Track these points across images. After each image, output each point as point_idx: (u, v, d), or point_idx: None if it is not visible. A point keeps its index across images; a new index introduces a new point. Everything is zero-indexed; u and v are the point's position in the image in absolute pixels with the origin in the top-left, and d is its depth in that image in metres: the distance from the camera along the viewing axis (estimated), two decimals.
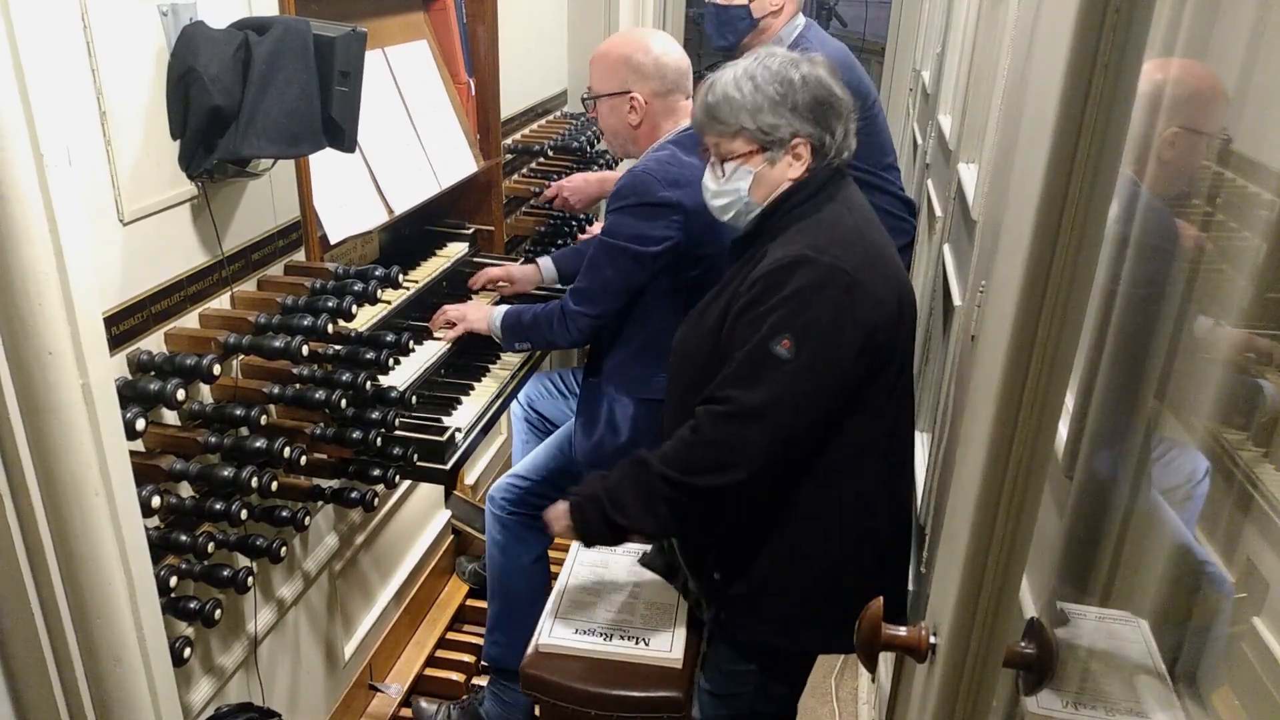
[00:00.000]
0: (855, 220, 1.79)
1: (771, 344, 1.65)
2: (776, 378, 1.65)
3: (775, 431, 1.67)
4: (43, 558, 1.33)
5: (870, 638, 1.11)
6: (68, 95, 1.39)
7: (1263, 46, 0.80)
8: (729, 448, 1.69)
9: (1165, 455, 0.93)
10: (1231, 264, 0.84)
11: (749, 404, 1.67)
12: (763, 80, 1.78)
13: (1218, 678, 0.80)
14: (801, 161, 1.80)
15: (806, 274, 1.66)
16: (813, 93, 1.77)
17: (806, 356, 1.64)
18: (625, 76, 2.33)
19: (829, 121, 1.79)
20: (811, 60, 1.82)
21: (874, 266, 1.71)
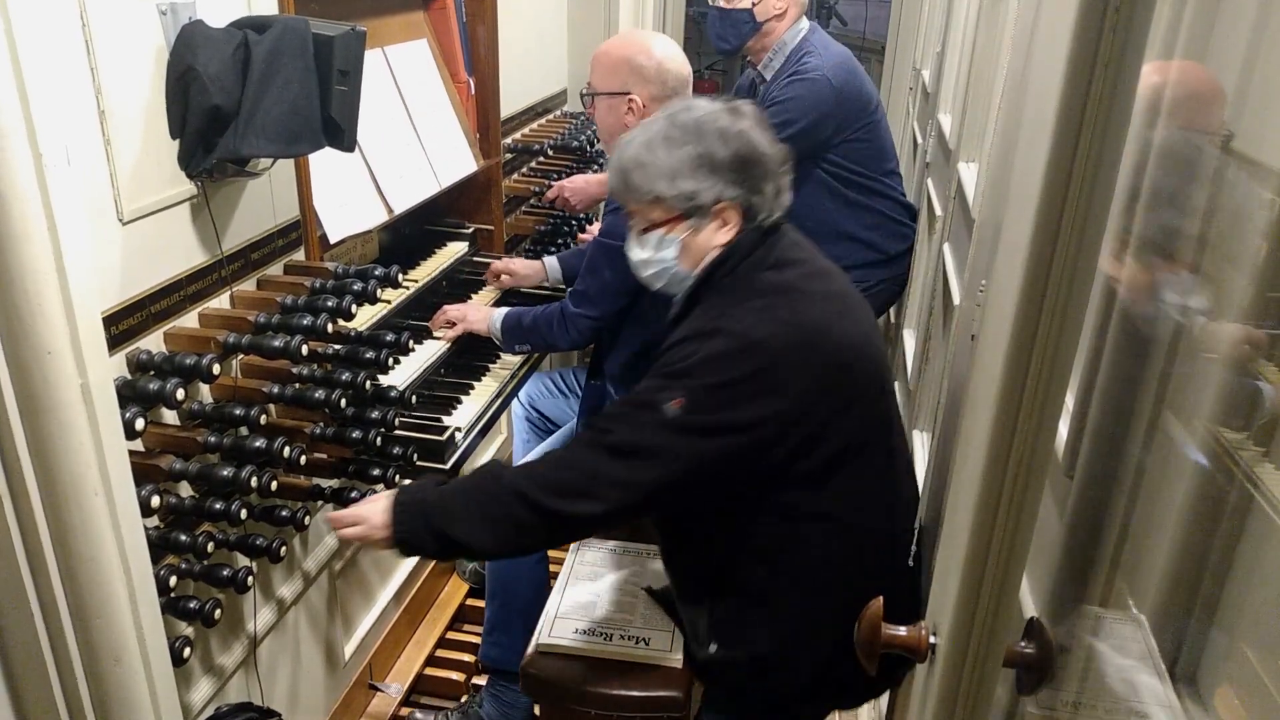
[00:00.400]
0: (791, 280, 1.66)
1: (661, 395, 1.55)
2: (654, 427, 1.54)
3: (638, 479, 1.56)
4: (42, 558, 1.33)
5: (870, 638, 1.11)
6: (67, 94, 1.39)
7: (1263, 46, 0.80)
8: (590, 477, 1.57)
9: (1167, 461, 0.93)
10: (1232, 263, 0.84)
11: (620, 441, 1.56)
12: (678, 141, 1.65)
13: (1218, 677, 0.80)
14: (730, 226, 1.67)
15: (719, 343, 1.56)
16: (734, 150, 1.64)
17: (692, 420, 1.53)
18: (626, 78, 2.33)
19: (756, 181, 1.65)
20: (735, 111, 1.69)
21: (799, 338, 1.58)
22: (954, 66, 2.81)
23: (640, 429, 1.56)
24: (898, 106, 4.79)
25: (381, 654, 2.65)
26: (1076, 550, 1.07)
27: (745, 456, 1.58)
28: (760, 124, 1.69)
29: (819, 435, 1.60)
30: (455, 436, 2.16)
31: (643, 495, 1.57)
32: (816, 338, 1.60)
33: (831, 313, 1.66)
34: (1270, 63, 0.79)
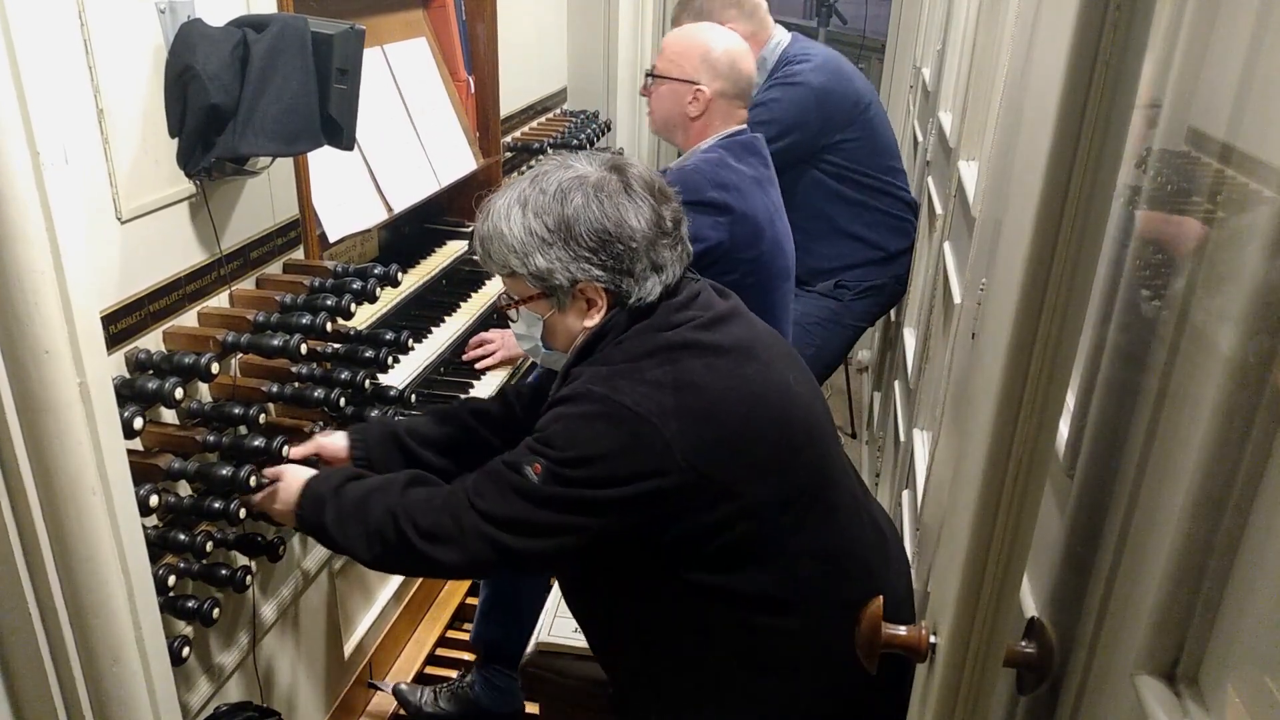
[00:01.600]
0: (673, 338, 1.46)
1: (523, 462, 1.41)
2: (514, 493, 1.41)
3: (499, 542, 1.42)
4: (40, 557, 1.33)
5: (870, 637, 1.11)
6: (65, 93, 1.38)
7: (1264, 45, 0.79)
8: (456, 527, 1.44)
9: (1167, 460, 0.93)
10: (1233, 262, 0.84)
11: (487, 506, 1.43)
12: (536, 209, 1.46)
13: (1218, 676, 0.80)
14: (597, 308, 1.49)
15: (582, 406, 1.41)
16: (596, 227, 1.44)
17: (549, 492, 1.39)
18: (698, 67, 2.32)
19: (622, 261, 1.45)
20: (615, 170, 1.49)
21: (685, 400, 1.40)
22: (954, 64, 2.81)
23: (503, 493, 1.42)
24: (898, 105, 4.79)
25: (381, 653, 2.64)
26: (1077, 550, 1.06)
27: (617, 537, 1.43)
28: (645, 187, 1.48)
29: (727, 509, 1.42)
30: None
31: (502, 559, 1.44)
32: (700, 398, 1.41)
33: (724, 367, 1.46)
34: (1270, 63, 0.78)
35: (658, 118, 2.44)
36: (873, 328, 4.02)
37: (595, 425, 1.40)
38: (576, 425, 1.41)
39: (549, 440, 1.42)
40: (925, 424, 2.48)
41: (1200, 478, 0.78)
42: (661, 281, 1.49)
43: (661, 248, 1.48)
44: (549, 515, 1.41)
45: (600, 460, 1.39)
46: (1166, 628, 0.83)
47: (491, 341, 2.52)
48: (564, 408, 1.44)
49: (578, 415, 1.41)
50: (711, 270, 2.27)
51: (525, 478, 1.40)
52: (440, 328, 2.49)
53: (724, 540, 1.44)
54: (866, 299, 3.24)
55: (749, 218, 2.22)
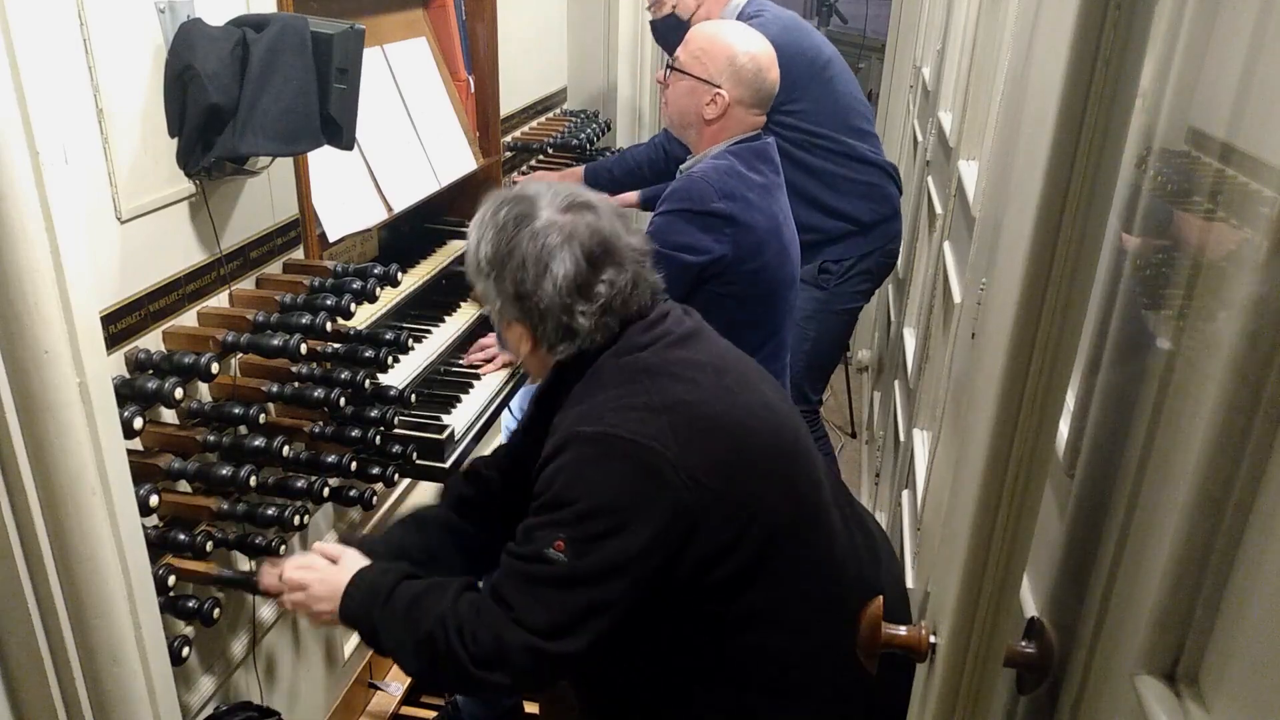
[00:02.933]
0: (643, 361, 1.44)
1: (542, 545, 1.35)
2: (540, 586, 1.35)
3: (539, 654, 1.35)
4: (40, 557, 1.33)
5: (870, 637, 1.11)
6: (64, 93, 1.38)
7: (1264, 44, 0.79)
8: (498, 648, 1.37)
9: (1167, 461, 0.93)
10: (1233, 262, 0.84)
11: (513, 613, 1.36)
12: (484, 239, 1.46)
13: (1218, 676, 0.80)
14: (529, 341, 1.48)
15: (577, 451, 1.37)
16: (516, 279, 1.42)
17: (580, 565, 1.34)
18: (722, 70, 2.27)
19: (534, 316, 1.44)
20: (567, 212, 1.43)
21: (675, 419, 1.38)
22: (954, 64, 2.81)
23: (533, 591, 1.36)
24: (898, 104, 4.79)
25: None
26: (1077, 550, 1.06)
27: (649, 586, 1.38)
28: (583, 240, 1.42)
29: (735, 528, 1.40)
30: (455, 435, 2.16)
31: (551, 669, 1.39)
32: (693, 414, 1.40)
33: (707, 383, 1.45)
34: (1271, 63, 0.78)
35: (673, 112, 2.39)
36: (874, 328, 4.02)
37: (600, 467, 1.36)
38: (581, 473, 1.36)
39: (559, 500, 1.37)
40: (925, 424, 2.48)
41: (1200, 478, 0.78)
42: (576, 345, 1.46)
43: (577, 316, 1.43)
44: (587, 595, 1.35)
45: (616, 503, 1.35)
46: (1166, 628, 0.82)
47: (492, 345, 2.52)
48: (562, 459, 1.38)
49: (579, 463, 1.37)
50: (714, 282, 2.27)
51: (551, 563, 1.34)
52: (440, 328, 2.49)
53: (737, 560, 1.42)
54: (853, 279, 3.09)
55: (753, 229, 2.22)
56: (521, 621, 1.36)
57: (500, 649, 1.37)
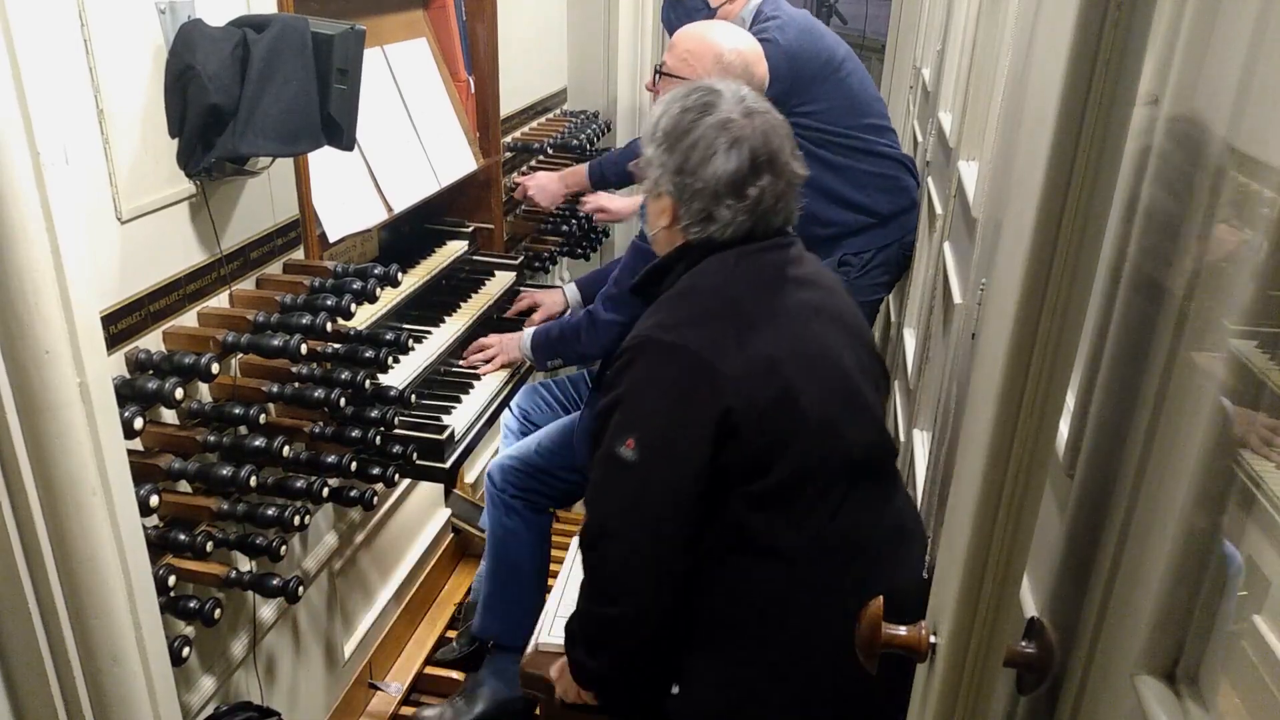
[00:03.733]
0: (732, 293, 1.58)
1: (616, 447, 1.51)
2: (629, 484, 1.51)
3: (637, 545, 1.52)
4: (40, 557, 1.33)
5: (870, 637, 1.11)
6: (65, 93, 1.39)
7: (1264, 45, 0.79)
8: (604, 574, 1.57)
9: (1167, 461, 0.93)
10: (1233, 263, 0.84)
11: (603, 520, 1.56)
12: (668, 113, 1.63)
13: (1218, 676, 0.80)
14: (667, 217, 1.65)
15: (647, 359, 1.53)
16: (686, 155, 1.59)
17: (653, 452, 1.49)
18: (710, 69, 2.29)
19: (687, 193, 1.60)
20: (746, 115, 1.59)
21: (740, 345, 1.51)
22: (954, 65, 2.81)
23: (608, 497, 1.54)
24: (898, 105, 4.79)
25: (381, 653, 2.65)
26: (1077, 550, 1.06)
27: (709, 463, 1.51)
28: (752, 152, 1.58)
29: (763, 453, 1.52)
30: (455, 435, 2.16)
31: (652, 559, 1.53)
32: (760, 346, 1.52)
33: (786, 325, 1.57)
34: (1271, 63, 0.78)
35: None
36: (874, 329, 4.01)
37: (665, 372, 1.51)
38: (647, 377, 1.52)
39: (633, 406, 1.52)
40: (925, 424, 2.48)
41: (1200, 478, 0.78)
42: (707, 231, 1.61)
43: (722, 206, 1.59)
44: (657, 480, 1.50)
45: (678, 402, 1.49)
46: (1166, 628, 0.83)
47: (491, 346, 2.51)
48: (628, 359, 1.55)
49: (646, 368, 1.52)
50: None
51: (623, 458, 1.50)
52: (440, 328, 2.49)
53: (765, 483, 1.52)
54: (872, 271, 3.13)
55: None
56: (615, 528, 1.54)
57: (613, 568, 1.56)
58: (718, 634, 1.62)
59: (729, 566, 1.58)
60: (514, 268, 2.85)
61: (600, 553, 1.57)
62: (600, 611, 1.59)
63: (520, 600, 2.47)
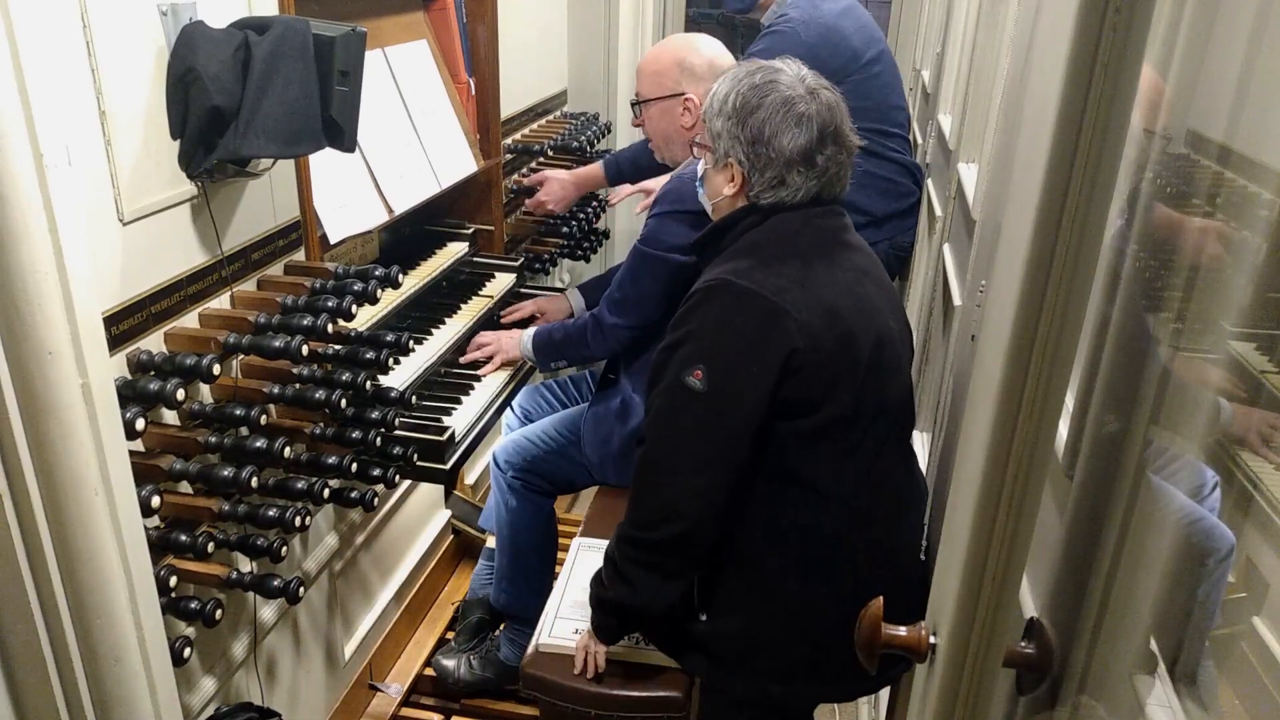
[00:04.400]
0: (798, 247, 1.71)
1: (684, 375, 1.62)
2: (693, 411, 1.62)
3: (699, 469, 1.63)
4: (42, 558, 1.33)
5: (870, 637, 1.11)
6: (67, 95, 1.39)
7: (1263, 47, 0.80)
8: (661, 494, 1.66)
9: (1168, 468, 0.93)
10: (1232, 264, 0.84)
11: (665, 445, 1.66)
12: (742, 87, 1.73)
13: (1218, 676, 0.80)
14: (735, 184, 1.76)
15: (721, 300, 1.63)
16: (760, 125, 1.70)
17: (720, 383, 1.60)
18: (678, 78, 2.33)
19: (760, 160, 1.71)
20: (809, 96, 1.71)
21: (805, 293, 1.63)
22: (954, 67, 2.81)
23: (675, 424, 1.63)
24: None
25: (382, 654, 2.65)
26: (1076, 550, 1.07)
27: (772, 401, 1.61)
28: (820, 125, 1.70)
29: (819, 391, 1.62)
30: (455, 436, 2.16)
31: (711, 483, 1.62)
32: (821, 296, 1.64)
33: (849, 282, 1.70)
34: (1269, 65, 0.79)
35: (657, 141, 2.45)
36: None
37: (740, 313, 1.61)
38: (721, 316, 1.62)
39: (705, 340, 1.62)
40: (925, 424, 2.48)
41: (1199, 478, 0.78)
42: (779, 196, 1.72)
43: (794, 173, 1.71)
44: (724, 411, 1.60)
45: (750, 341, 1.60)
46: (1166, 628, 0.83)
47: (489, 343, 2.52)
48: (701, 298, 1.65)
49: (720, 307, 1.62)
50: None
51: (690, 387, 1.60)
52: (441, 329, 2.50)
53: (810, 422, 1.64)
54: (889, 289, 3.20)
55: None
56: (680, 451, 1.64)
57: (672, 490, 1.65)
58: (747, 565, 1.72)
59: (766, 498, 1.68)
60: (514, 269, 2.86)
61: (658, 477, 1.67)
62: (647, 536, 1.67)
63: (530, 576, 2.52)
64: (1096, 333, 1.08)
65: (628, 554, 1.70)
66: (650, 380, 1.72)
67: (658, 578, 1.70)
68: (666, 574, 1.70)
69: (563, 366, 2.51)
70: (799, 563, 1.70)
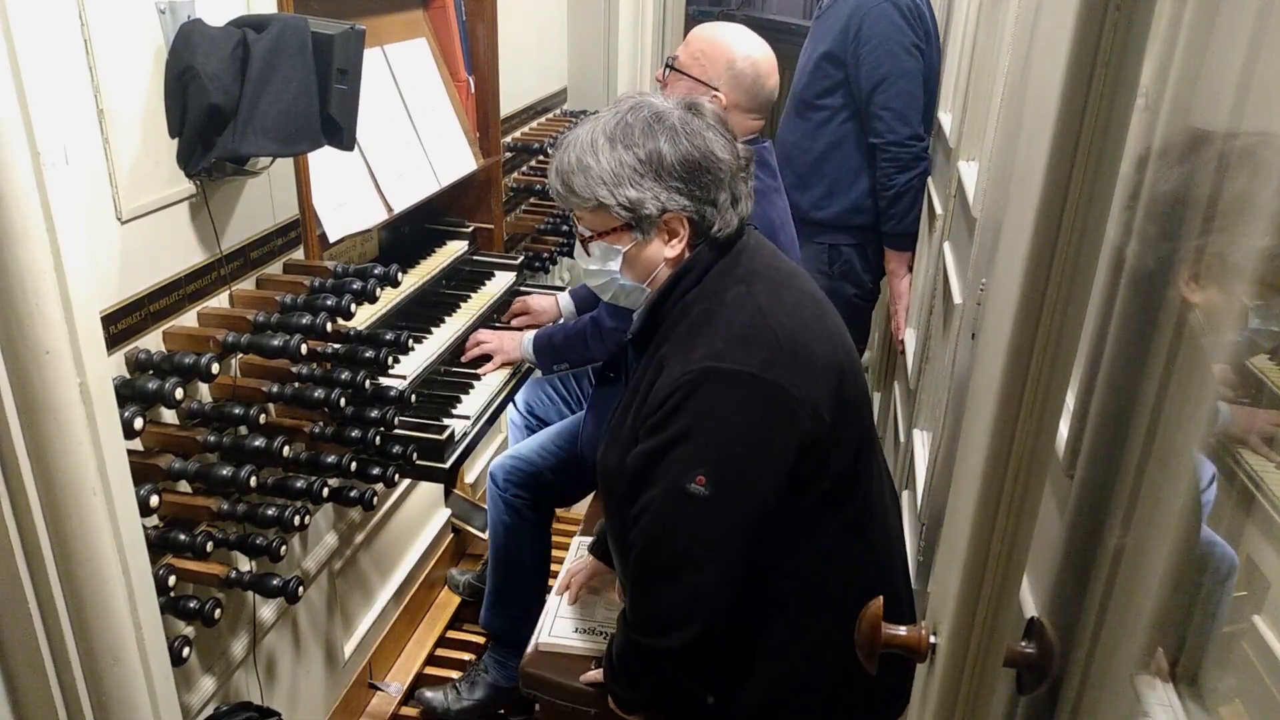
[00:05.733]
0: (760, 299, 1.52)
1: (684, 483, 1.44)
2: (699, 516, 1.45)
3: (711, 570, 1.48)
4: (40, 557, 1.33)
5: (870, 637, 1.11)
6: (65, 93, 1.38)
7: (1264, 44, 0.79)
8: (670, 600, 1.50)
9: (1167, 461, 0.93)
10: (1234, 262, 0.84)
11: (674, 555, 1.48)
12: (624, 142, 1.51)
13: (1218, 676, 0.80)
14: (679, 239, 1.56)
15: (710, 390, 1.45)
16: (684, 155, 1.50)
17: (728, 484, 1.44)
18: (720, 73, 2.28)
19: (707, 190, 1.53)
20: (693, 109, 1.55)
21: (793, 356, 1.48)
22: (954, 65, 2.81)
23: (677, 533, 1.47)
24: None
25: (381, 653, 2.65)
26: (1077, 550, 1.06)
27: (785, 490, 1.49)
28: (718, 125, 1.56)
29: (824, 456, 1.51)
30: (455, 435, 2.16)
31: (720, 588, 1.49)
32: (808, 346, 1.51)
33: (810, 317, 1.57)
34: (1270, 63, 0.78)
35: None
36: (874, 328, 4.01)
37: (734, 402, 1.44)
38: (716, 409, 1.44)
39: (688, 432, 1.44)
40: (925, 424, 2.48)
41: (1199, 478, 0.78)
42: (738, 214, 1.56)
43: (740, 180, 1.56)
44: (732, 515, 1.46)
45: (754, 436, 1.44)
46: (1166, 628, 0.83)
47: (487, 342, 2.51)
48: (685, 393, 1.45)
49: (712, 398, 1.44)
50: None
51: (693, 494, 1.44)
52: (440, 328, 2.49)
53: (818, 487, 1.53)
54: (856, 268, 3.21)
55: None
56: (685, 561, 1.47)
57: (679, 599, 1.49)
58: (746, 641, 1.61)
59: (761, 574, 1.56)
60: (514, 268, 2.85)
61: (663, 584, 1.51)
62: (661, 644, 1.52)
63: (521, 597, 2.49)
64: (1096, 332, 1.08)
65: (644, 665, 1.58)
66: (632, 483, 1.53)
67: (679, 676, 1.59)
68: (689, 671, 1.59)
69: (565, 369, 2.51)
70: (799, 625, 1.61)
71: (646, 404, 1.52)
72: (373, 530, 2.51)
